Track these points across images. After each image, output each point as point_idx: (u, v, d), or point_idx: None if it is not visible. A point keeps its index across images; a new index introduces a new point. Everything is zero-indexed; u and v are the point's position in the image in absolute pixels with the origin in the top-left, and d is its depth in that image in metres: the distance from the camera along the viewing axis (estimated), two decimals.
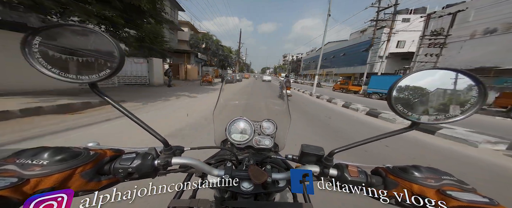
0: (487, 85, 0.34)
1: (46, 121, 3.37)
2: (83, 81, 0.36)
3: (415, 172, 0.39)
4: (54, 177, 0.30)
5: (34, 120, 3.38)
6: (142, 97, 6.79)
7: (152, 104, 5.82)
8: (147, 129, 0.42)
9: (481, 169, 2.80)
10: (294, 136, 3.49)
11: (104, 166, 0.39)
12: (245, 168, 0.52)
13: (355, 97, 16.58)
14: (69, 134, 2.94)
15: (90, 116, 3.93)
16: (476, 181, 2.31)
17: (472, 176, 2.54)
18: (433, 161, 3.07)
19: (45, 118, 3.55)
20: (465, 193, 0.33)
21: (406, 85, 0.38)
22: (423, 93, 0.38)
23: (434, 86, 0.37)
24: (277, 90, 1.33)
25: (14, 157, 0.31)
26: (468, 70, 0.34)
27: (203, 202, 0.42)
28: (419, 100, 0.39)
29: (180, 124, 3.80)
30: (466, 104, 0.35)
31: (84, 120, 3.67)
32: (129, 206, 0.40)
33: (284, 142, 0.84)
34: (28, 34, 0.31)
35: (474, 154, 3.42)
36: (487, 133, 4.41)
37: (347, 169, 0.45)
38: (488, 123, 6.88)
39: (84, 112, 4.23)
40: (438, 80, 0.37)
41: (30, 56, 0.32)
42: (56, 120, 3.49)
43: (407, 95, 0.39)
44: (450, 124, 4.56)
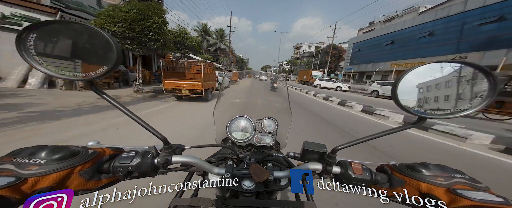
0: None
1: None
2: (80, 79, 0.35)
3: (423, 169, 0.37)
4: (52, 176, 0.30)
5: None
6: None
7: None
8: (146, 127, 0.41)
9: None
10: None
11: (103, 165, 0.38)
12: (247, 167, 0.51)
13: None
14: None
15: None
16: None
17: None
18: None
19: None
20: (478, 192, 0.31)
21: (412, 79, 0.37)
22: (429, 87, 0.37)
23: (441, 79, 0.36)
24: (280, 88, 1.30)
25: (10, 156, 0.30)
26: (476, 63, 0.32)
27: (204, 201, 0.42)
28: (425, 94, 0.37)
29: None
30: (475, 98, 0.34)
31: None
32: (130, 206, 0.39)
33: (286, 139, 0.83)
34: (23, 30, 0.30)
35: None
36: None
37: (351, 166, 0.44)
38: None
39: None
40: (446, 74, 0.36)
41: (25, 53, 0.31)
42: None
43: (413, 90, 0.38)
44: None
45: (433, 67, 0.36)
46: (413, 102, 0.38)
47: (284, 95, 0.94)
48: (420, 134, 4.29)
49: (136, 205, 1.50)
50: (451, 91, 0.36)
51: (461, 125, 4.59)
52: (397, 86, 0.37)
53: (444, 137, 4.12)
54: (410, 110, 0.38)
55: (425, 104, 0.38)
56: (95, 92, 0.37)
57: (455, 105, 0.36)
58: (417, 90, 0.38)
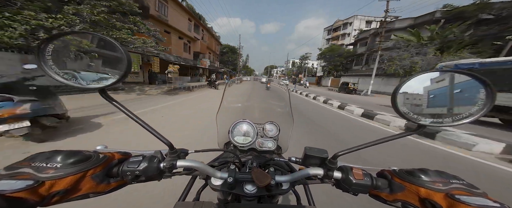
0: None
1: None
2: (93, 87, 0.37)
3: (422, 175, 0.38)
4: (67, 179, 0.31)
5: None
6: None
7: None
8: (153, 132, 0.42)
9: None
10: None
11: (112, 169, 0.40)
12: (249, 171, 0.52)
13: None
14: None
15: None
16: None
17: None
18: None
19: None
20: (475, 198, 0.31)
21: (411, 87, 0.38)
22: (429, 95, 0.38)
23: (440, 88, 0.37)
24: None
25: (29, 161, 0.32)
26: (474, 73, 0.33)
27: (206, 205, 0.43)
28: (424, 102, 0.38)
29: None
30: (473, 107, 0.35)
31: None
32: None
33: (287, 144, 0.83)
34: (41, 42, 0.32)
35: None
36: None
37: (352, 171, 0.44)
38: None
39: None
40: (445, 82, 0.37)
41: (43, 63, 0.33)
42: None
43: (412, 97, 0.39)
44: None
45: (433, 75, 0.37)
46: (413, 109, 0.39)
47: (286, 100, 0.94)
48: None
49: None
50: (450, 99, 0.37)
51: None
52: (397, 93, 0.38)
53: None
54: (409, 117, 0.39)
55: (424, 111, 0.38)
56: (106, 99, 0.39)
57: (454, 113, 0.36)
58: (416, 97, 0.39)
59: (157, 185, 1.71)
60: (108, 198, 1.58)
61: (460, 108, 0.36)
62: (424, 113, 0.38)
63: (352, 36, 36.47)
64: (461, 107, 0.36)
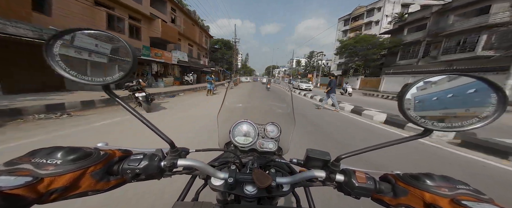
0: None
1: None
2: (97, 83, 0.37)
3: (427, 180, 0.37)
4: (67, 177, 0.31)
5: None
6: None
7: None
8: (155, 130, 0.42)
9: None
10: None
11: (113, 167, 0.40)
12: (249, 172, 0.51)
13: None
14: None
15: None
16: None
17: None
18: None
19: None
20: (482, 204, 0.31)
21: (419, 90, 0.37)
22: (437, 99, 0.37)
23: (449, 92, 0.36)
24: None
25: (29, 156, 0.32)
26: (486, 77, 0.32)
27: (206, 205, 0.42)
28: (432, 106, 0.37)
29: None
30: (483, 112, 0.34)
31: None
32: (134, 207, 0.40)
33: (288, 145, 0.83)
34: (50, 38, 0.33)
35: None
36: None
37: (355, 174, 0.43)
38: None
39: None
40: (454, 86, 0.35)
41: (51, 59, 0.33)
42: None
43: (420, 101, 0.38)
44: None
45: (443, 79, 0.36)
46: (420, 113, 0.38)
47: (288, 101, 0.94)
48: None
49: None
50: (459, 103, 0.36)
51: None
52: (404, 96, 0.37)
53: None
54: (416, 121, 0.38)
55: (432, 115, 0.37)
56: (109, 95, 0.39)
57: (462, 118, 0.35)
58: (424, 101, 0.38)
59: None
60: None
61: (469, 112, 0.35)
62: (432, 117, 0.37)
63: (384, 24, 28.57)
64: (471, 112, 0.35)
